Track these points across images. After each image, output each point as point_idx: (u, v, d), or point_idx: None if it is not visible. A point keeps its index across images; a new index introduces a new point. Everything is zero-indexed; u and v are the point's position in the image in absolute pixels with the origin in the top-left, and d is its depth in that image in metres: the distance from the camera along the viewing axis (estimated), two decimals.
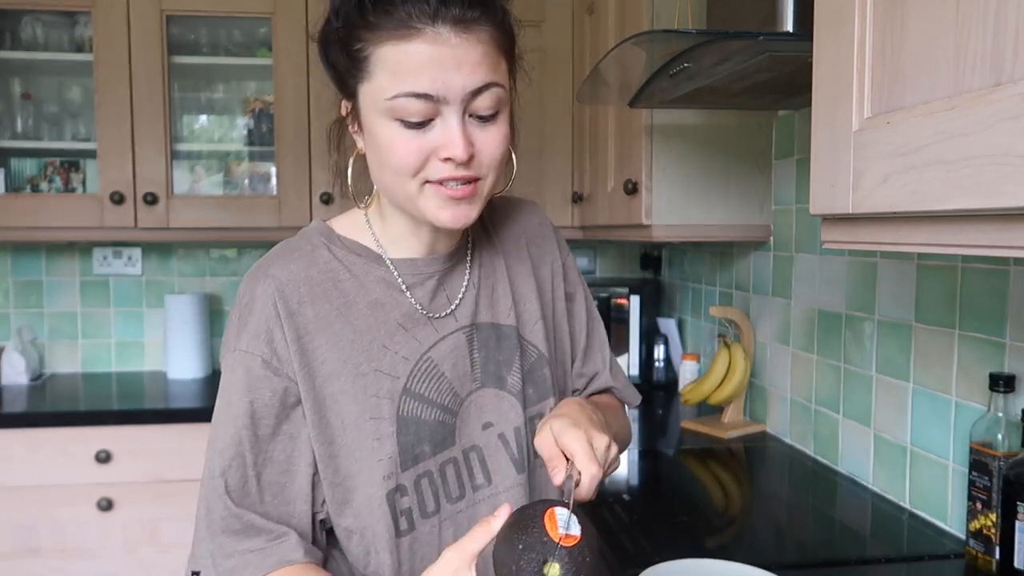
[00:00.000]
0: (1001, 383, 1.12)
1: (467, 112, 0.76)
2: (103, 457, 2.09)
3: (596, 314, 1.05)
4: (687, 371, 2.25)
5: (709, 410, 2.04)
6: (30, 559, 2.09)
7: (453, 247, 0.90)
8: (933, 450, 1.33)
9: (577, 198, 2.39)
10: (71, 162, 2.55)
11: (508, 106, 0.80)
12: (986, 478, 1.13)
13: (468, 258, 0.92)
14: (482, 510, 0.87)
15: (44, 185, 2.53)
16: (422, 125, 0.75)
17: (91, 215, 2.30)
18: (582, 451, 0.74)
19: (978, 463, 1.14)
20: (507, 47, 0.79)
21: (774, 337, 1.88)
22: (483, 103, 0.76)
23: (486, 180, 0.80)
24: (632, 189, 1.80)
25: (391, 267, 0.87)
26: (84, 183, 2.55)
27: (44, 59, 2.37)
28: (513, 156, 0.86)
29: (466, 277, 0.91)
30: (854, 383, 1.56)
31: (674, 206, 1.80)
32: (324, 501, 0.84)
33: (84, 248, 2.63)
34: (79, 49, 2.43)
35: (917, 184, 0.66)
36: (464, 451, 0.87)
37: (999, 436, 1.13)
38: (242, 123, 2.62)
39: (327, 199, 2.38)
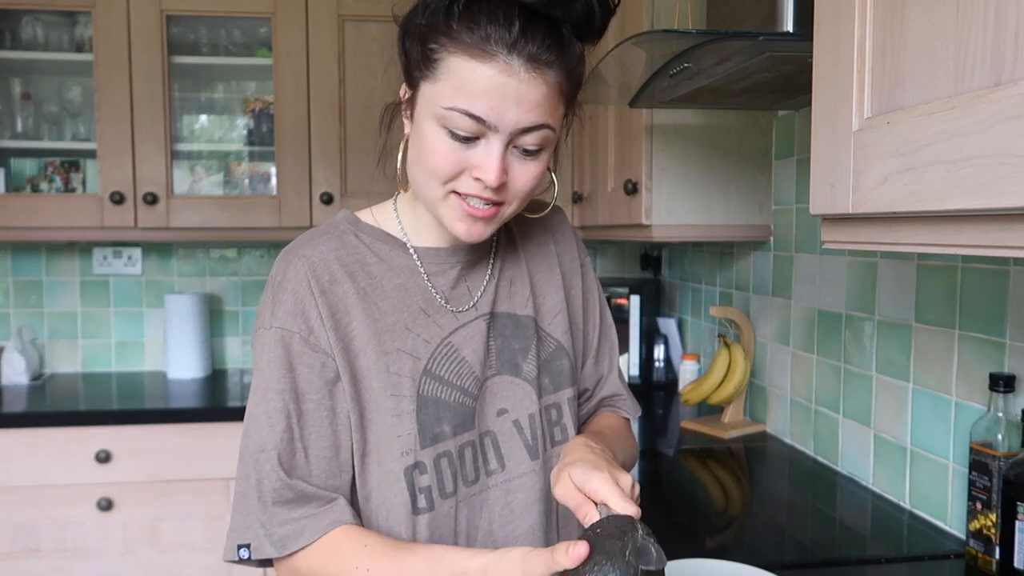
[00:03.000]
0: (1001, 383, 1.12)
1: (511, 143, 0.78)
2: (103, 457, 2.09)
3: (609, 319, 1.06)
4: (687, 371, 2.25)
5: (709, 410, 2.04)
6: (30, 559, 2.09)
7: None
8: (933, 450, 1.33)
9: (577, 198, 2.39)
10: (71, 162, 2.55)
11: (553, 145, 0.83)
12: (986, 478, 1.13)
13: (492, 252, 0.95)
14: (494, 495, 0.90)
15: (44, 185, 2.53)
16: (467, 140, 0.78)
17: (91, 215, 2.30)
18: (615, 494, 0.72)
19: (978, 463, 1.14)
20: (569, 93, 0.82)
21: (774, 337, 1.88)
22: (529, 140, 0.78)
23: (509, 206, 0.83)
24: (632, 189, 1.80)
25: (414, 255, 0.90)
26: (84, 183, 2.55)
27: (44, 59, 2.37)
28: (554, 179, 0.90)
29: (488, 269, 0.94)
30: (854, 383, 1.56)
31: (674, 206, 1.80)
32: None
33: (84, 248, 2.63)
34: (79, 49, 2.43)
35: (917, 184, 0.66)
36: (480, 435, 0.89)
37: (999, 436, 1.13)
38: (242, 123, 2.62)
39: (327, 199, 2.38)
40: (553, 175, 0.90)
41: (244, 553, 0.83)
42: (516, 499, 0.90)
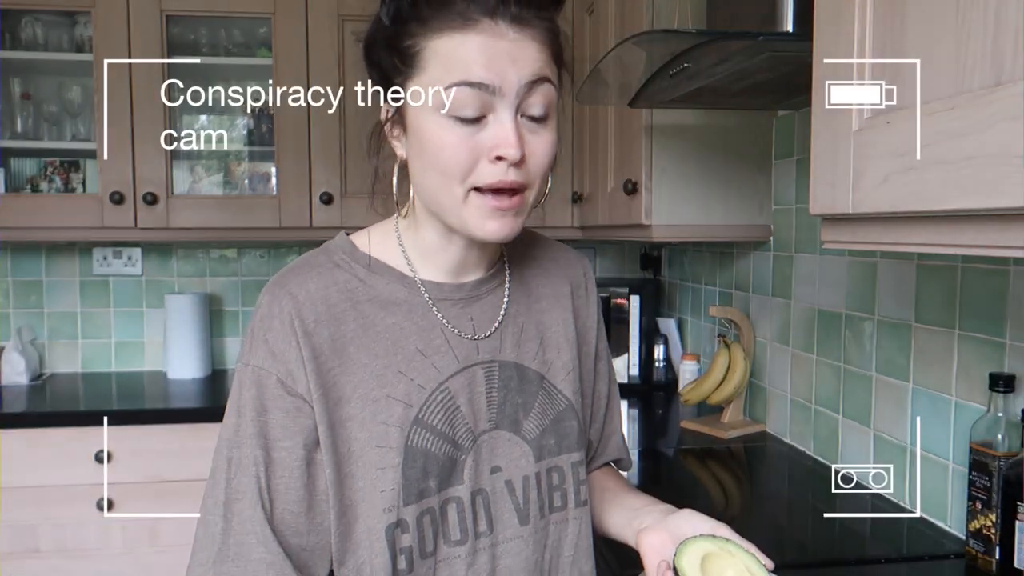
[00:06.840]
0: (1001, 383, 1.12)
1: (519, 111, 0.74)
2: (103, 457, 2.09)
3: (615, 376, 1.04)
4: (687, 371, 2.25)
5: (709, 410, 2.04)
6: (30, 559, 2.09)
7: (484, 274, 0.87)
8: (933, 450, 1.33)
9: (577, 198, 2.39)
10: (71, 162, 2.54)
11: (555, 113, 0.78)
12: (986, 478, 1.13)
13: (505, 293, 0.89)
14: (481, 560, 0.82)
15: (44, 185, 2.53)
16: (475, 122, 0.73)
17: (91, 215, 2.30)
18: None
19: (978, 463, 1.14)
20: (557, 54, 0.78)
21: (774, 337, 1.88)
22: (535, 100, 0.74)
23: (532, 190, 0.77)
24: (632, 189, 1.80)
25: (421, 287, 0.83)
26: (84, 183, 2.55)
27: (44, 59, 2.37)
28: (548, 177, 0.85)
29: (500, 311, 0.87)
30: (854, 383, 1.56)
31: (674, 206, 1.80)
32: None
33: (84, 248, 2.63)
34: (79, 49, 2.43)
35: (917, 184, 0.66)
36: (472, 494, 0.82)
37: (999, 436, 1.13)
38: (242, 123, 2.62)
39: (327, 199, 2.38)
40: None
41: None
42: (501, 565, 0.83)
